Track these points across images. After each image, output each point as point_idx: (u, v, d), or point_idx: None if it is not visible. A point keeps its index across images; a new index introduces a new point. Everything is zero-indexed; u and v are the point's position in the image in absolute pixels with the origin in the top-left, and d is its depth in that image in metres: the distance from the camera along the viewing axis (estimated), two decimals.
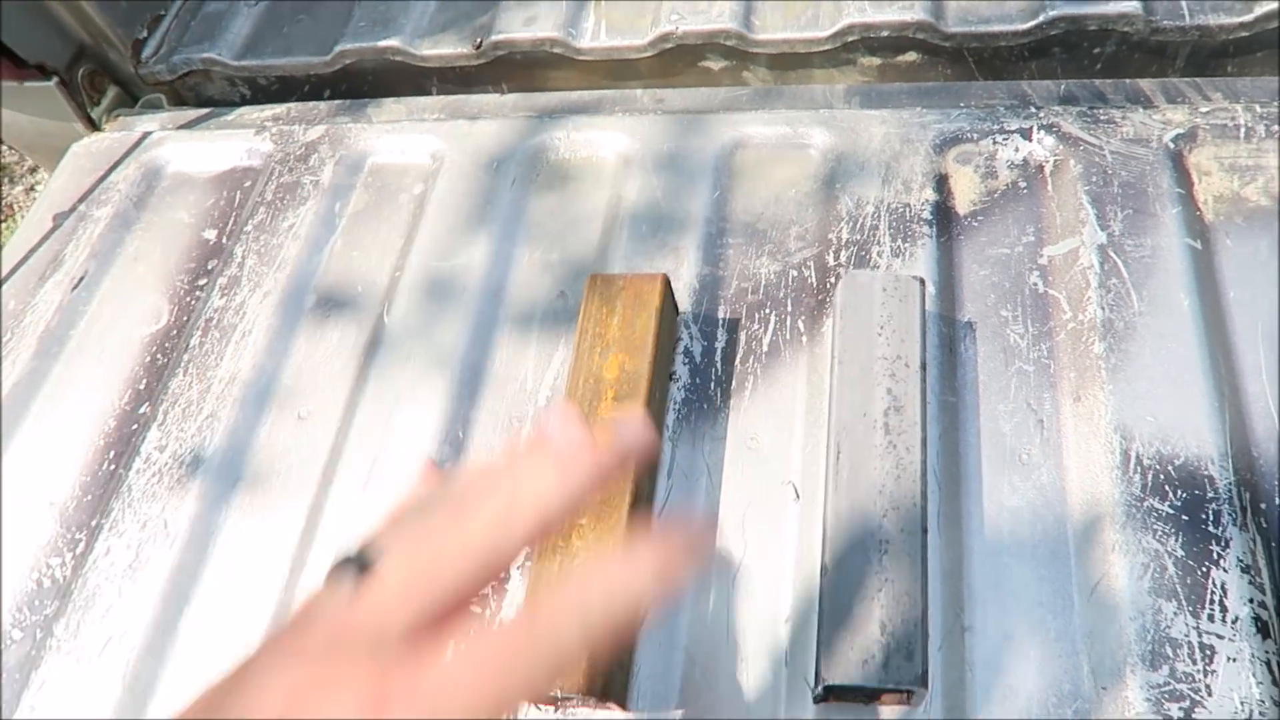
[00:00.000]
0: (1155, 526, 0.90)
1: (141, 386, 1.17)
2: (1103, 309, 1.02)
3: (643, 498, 0.94)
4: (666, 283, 1.02)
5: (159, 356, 1.19)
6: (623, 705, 0.87)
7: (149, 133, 1.43)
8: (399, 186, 1.30)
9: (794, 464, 1.00)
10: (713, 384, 1.06)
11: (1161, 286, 1.03)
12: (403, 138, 1.34)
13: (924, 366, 0.93)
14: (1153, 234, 1.06)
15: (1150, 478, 0.93)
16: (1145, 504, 0.91)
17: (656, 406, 0.99)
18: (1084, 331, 1.02)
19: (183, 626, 1.00)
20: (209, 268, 1.26)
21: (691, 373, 1.07)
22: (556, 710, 0.89)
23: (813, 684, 0.86)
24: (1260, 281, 1.02)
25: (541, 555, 0.88)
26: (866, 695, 0.85)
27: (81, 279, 1.27)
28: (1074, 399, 0.99)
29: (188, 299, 1.24)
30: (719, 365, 1.07)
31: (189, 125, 1.43)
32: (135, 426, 1.13)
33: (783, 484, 0.99)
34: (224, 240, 1.28)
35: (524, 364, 1.11)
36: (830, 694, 0.85)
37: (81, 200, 1.34)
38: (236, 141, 1.39)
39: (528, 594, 0.87)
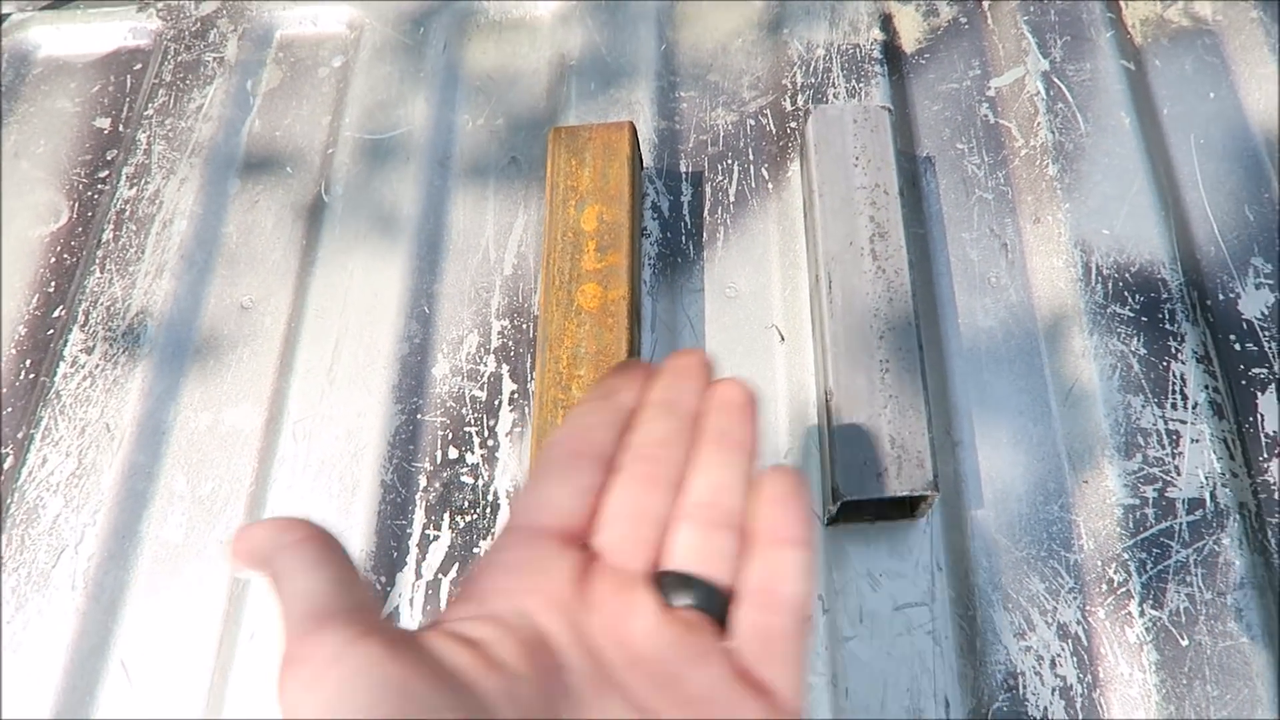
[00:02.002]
0: (1119, 330, 0.95)
1: (51, 289, 1.05)
2: (1052, 133, 1.06)
3: (636, 349, 0.92)
4: (634, 130, 0.98)
5: (65, 256, 1.07)
6: None
7: (6, 14, 1.26)
8: (316, 60, 1.20)
9: (775, 308, 1.00)
10: (684, 237, 1.04)
11: (1103, 107, 1.07)
12: (312, 7, 1.23)
13: (902, 192, 0.94)
14: (1091, 58, 1.10)
15: (1110, 285, 0.97)
16: (1108, 310, 0.96)
17: (636, 258, 0.97)
18: (1037, 156, 1.05)
19: (144, 530, 0.92)
20: (108, 158, 1.13)
21: (662, 227, 1.04)
22: None
23: (823, 509, 0.88)
24: (1189, 98, 1.07)
25: (541, 409, 0.86)
26: (873, 514, 0.88)
27: None
28: (1034, 220, 1.02)
29: (89, 193, 1.11)
30: (688, 219, 1.05)
31: (53, 5, 1.26)
32: (52, 331, 1.02)
33: (766, 328, 0.99)
34: (121, 128, 1.15)
35: (483, 233, 1.06)
36: (841, 515, 0.87)
37: None
38: (116, 21, 1.24)
39: (535, 453, 0.84)
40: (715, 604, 0.46)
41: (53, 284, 1.05)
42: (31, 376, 1.00)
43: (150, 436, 0.96)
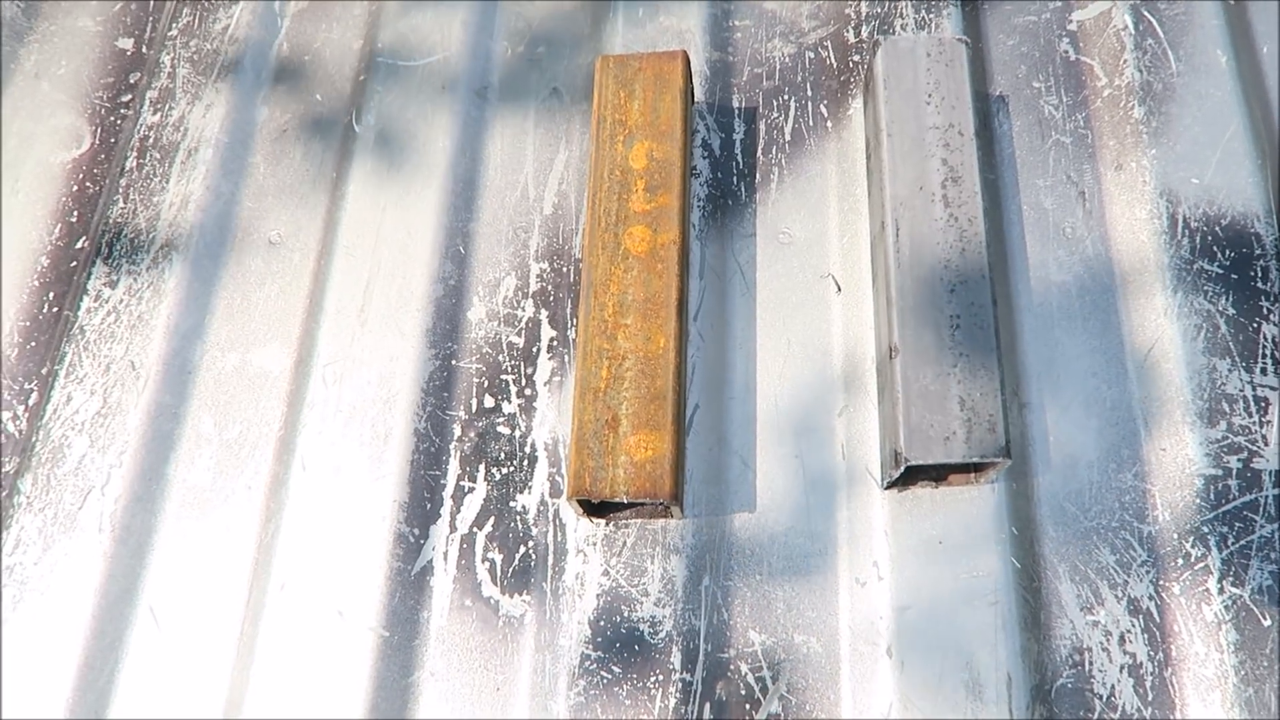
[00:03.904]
0: (1205, 287, 0.88)
1: (73, 219, 1.01)
2: (1140, 71, 0.97)
3: (685, 298, 0.86)
4: (687, 61, 0.91)
5: (88, 184, 1.02)
6: (681, 511, 0.82)
7: None
8: None
9: (832, 256, 0.93)
10: (735, 178, 0.97)
11: (1197, 44, 0.98)
12: None
13: (977, 134, 0.86)
14: None
15: (1198, 239, 0.90)
16: (1195, 266, 0.89)
17: (687, 200, 0.90)
18: (1122, 97, 0.97)
19: (171, 473, 0.89)
20: (131, 80, 1.08)
21: (712, 166, 0.98)
22: (607, 524, 0.84)
23: (883, 473, 0.83)
24: None
25: (585, 359, 0.81)
26: (935, 477, 0.83)
27: None
28: (1115, 167, 0.94)
29: (111, 118, 1.06)
30: (740, 158, 0.98)
31: None
32: (75, 263, 0.98)
33: (822, 278, 0.93)
34: (144, 49, 1.10)
35: (522, 169, 1.00)
36: (901, 480, 0.82)
37: None
38: None
39: (576, 399, 0.79)
40: None
41: (75, 213, 1.01)
42: (55, 310, 0.96)
43: (176, 376, 0.92)
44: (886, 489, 0.82)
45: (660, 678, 0.79)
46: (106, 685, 0.82)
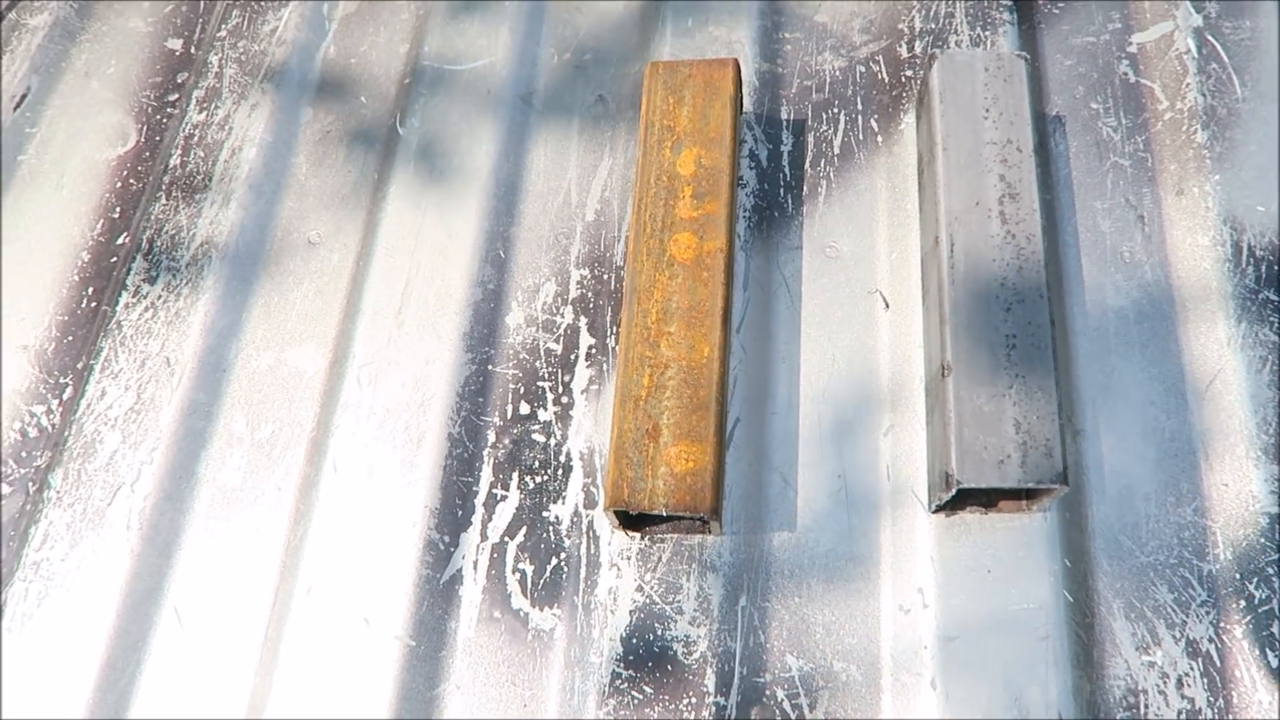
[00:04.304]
0: (1271, 318, 0.85)
1: (115, 215, 1.01)
2: (1203, 96, 0.95)
3: (730, 307, 0.84)
4: (738, 69, 0.90)
5: (132, 180, 1.02)
6: (720, 526, 0.80)
7: None
8: None
9: (880, 272, 0.91)
10: (782, 189, 0.96)
11: (1263, 70, 0.95)
12: None
13: (1036, 150, 0.84)
14: (1251, 15, 0.98)
15: (1264, 268, 0.87)
16: (1260, 295, 0.86)
17: (734, 208, 0.89)
18: (1184, 120, 0.94)
19: (202, 472, 0.88)
20: (179, 80, 1.08)
21: (759, 178, 0.96)
22: (643, 537, 0.82)
23: (931, 496, 0.80)
24: None
25: (627, 366, 0.79)
26: (985, 502, 0.80)
27: (24, 97, 1.07)
28: (1176, 192, 0.92)
29: (158, 116, 1.06)
30: (787, 169, 0.97)
31: None
32: (115, 259, 0.98)
33: (869, 293, 0.90)
34: (193, 50, 1.10)
35: (565, 175, 0.98)
36: (950, 503, 0.79)
37: (10, 6, 1.13)
38: None
39: (616, 406, 0.77)
40: None
41: (118, 209, 1.01)
42: (93, 305, 0.96)
43: (211, 374, 0.91)
44: (934, 512, 0.79)
45: (693, 700, 0.76)
46: (128, 685, 0.81)
